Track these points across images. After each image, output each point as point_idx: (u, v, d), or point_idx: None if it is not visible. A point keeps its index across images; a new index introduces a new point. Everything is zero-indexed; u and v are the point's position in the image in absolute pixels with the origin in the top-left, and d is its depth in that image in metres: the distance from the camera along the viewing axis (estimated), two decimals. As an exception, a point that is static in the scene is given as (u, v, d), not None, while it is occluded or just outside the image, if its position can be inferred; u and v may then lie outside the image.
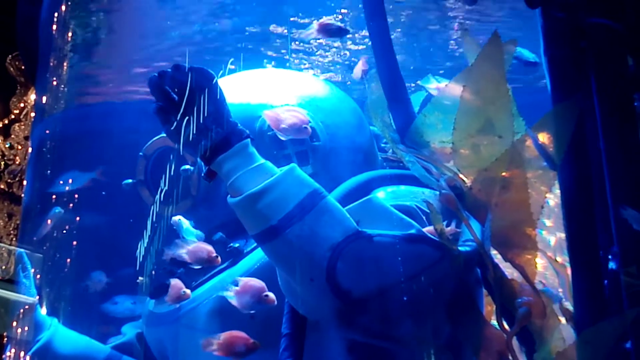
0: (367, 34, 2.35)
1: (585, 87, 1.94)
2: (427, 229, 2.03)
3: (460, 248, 2.04)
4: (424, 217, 2.09)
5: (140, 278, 2.46)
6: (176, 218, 2.32)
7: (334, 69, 3.07)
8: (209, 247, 2.18)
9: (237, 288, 2.04)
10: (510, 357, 1.98)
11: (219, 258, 2.17)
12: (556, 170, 1.98)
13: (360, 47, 2.84)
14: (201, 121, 1.97)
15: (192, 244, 2.21)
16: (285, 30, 2.91)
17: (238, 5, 2.94)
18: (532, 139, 2.01)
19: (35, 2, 2.92)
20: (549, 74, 2.01)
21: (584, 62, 1.96)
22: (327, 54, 3.04)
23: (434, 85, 2.39)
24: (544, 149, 1.99)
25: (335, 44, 3.00)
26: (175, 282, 2.21)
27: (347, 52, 3.02)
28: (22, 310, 2.47)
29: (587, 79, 1.94)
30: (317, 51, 3.02)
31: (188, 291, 2.20)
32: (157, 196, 2.23)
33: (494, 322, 2.05)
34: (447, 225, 2.05)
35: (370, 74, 2.43)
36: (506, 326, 2.00)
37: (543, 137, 2.02)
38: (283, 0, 2.90)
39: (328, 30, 2.44)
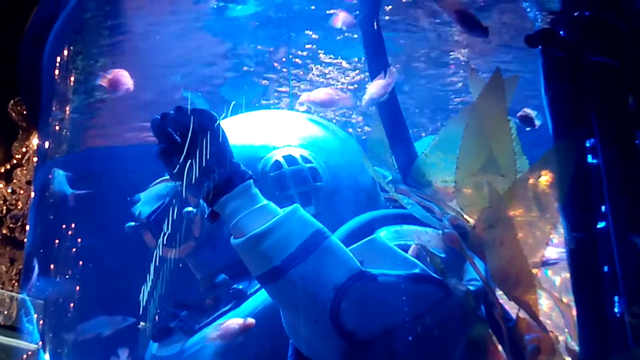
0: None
1: (587, 125, 1.94)
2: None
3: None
4: (427, 257, 2.08)
5: (142, 323, 2.45)
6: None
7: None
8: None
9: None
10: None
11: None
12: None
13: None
14: (204, 163, 1.97)
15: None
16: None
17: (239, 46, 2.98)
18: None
19: (37, 46, 2.95)
20: (550, 112, 2.02)
21: (584, 100, 1.97)
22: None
23: None
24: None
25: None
26: None
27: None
28: (24, 357, 2.46)
29: (588, 117, 1.95)
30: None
31: None
32: (160, 239, 2.23)
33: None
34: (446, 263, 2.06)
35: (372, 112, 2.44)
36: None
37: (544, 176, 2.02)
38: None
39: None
